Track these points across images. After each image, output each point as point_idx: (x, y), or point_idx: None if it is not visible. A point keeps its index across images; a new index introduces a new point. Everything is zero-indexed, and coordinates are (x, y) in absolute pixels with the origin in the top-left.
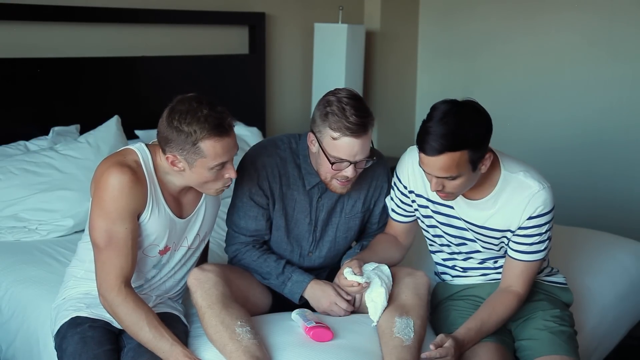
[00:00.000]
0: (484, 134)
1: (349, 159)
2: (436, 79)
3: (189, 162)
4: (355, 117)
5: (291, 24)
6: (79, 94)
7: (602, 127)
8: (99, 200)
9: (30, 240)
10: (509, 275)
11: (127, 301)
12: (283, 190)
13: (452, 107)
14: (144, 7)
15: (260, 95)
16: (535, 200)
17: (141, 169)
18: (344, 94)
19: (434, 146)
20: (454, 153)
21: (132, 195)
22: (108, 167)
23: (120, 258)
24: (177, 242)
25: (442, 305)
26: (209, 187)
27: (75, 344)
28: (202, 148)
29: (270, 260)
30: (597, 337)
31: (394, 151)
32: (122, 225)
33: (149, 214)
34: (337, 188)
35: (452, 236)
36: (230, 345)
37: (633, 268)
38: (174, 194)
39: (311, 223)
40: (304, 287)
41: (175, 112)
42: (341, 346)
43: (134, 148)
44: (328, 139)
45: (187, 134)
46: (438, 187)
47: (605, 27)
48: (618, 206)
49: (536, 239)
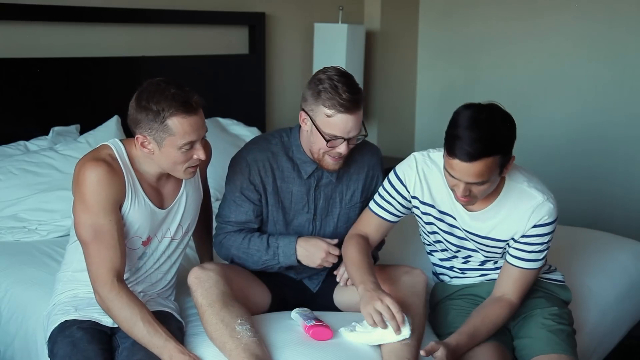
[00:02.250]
0: (514, 136)
1: (343, 135)
2: (436, 79)
3: (158, 141)
4: (348, 94)
5: (291, 24)
6: (79, 94)
7: (602, 127)
8: (79, 196)
9: (30, 240)
10: (504, 282)
11: (121, 296)
12: (277, 184)
13: (480, 112)
14: (144, 7)
15: (260, 95)
16: (540, 210)
17: (116, 161)
18: (333, 72)
19: (470, 152)
20: (488, 158)
21: (110, 186)
22: (83, 164)
23: (109, 251)
24: (159, 233)
25: (441, 304)
26: (179, 169)
27: (65, 347)
28: (170, 125)
29: (254, 239)
30: (597, 337)
31: (394, 151)
32: (106, 218)
33: (129, 204)
34: (329, 164)
35: (453, 244)
36: (230, 343)
37: (633, 268)
38: (152, 184)
39: (309, 212)
40: (294, 246)
41: (144, 93)
42: (341, 344)
43: (107, 143)
44: (322, 117)
45: (155, 113)
46: (465, 193)
47: (604, 27)
48: (618, 206)
49: (536, 247)
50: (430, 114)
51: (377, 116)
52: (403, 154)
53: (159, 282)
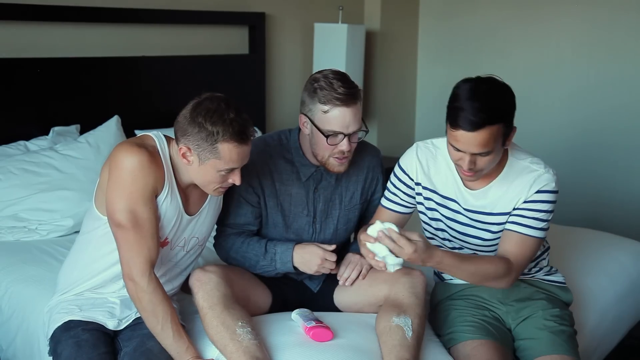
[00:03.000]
0: (514, 106)
1: (343, 130)
2: (436, 78)
3: (201, 158)
4: (343, 88)
5: (291, 24)
6: (79, 94)
7: (602, 127)
8: (118, 181)
9: (30, 240)
10: (503, 246)
11: (157, 292)
12: (276, 187)
13: (479, 83)
14: (144, 7)
15: (260, 95)
16: (542, 178)
17: (157, 154)
18: (328, 71)
19: (474, 120)
20: (492, 126)
21: (151, 174)
22: (125, 149)
23: (147, 239)
24: (177, 238)
25: (442, 304)
26: (210, 188)
27: (70, 348)
28: (219, 149)
29: (252, 242)
30: (597, 337)
31: (394, 151)
32: (145, 205)
33: (164, 195)
34: (335, 166)
35: (456, 231)
36: (231, 345)
37: (633, 268)
38: (182, 187)
39: (309, 215)
40: (290, 253)
41: (202, 108)
42: (341, 346)
43: (151, 134)
44: (320, 115)
45: (209, 132)
46: (471, 166)
47: (605, 27)
48: (618, 206)
49: (537, 214)
50: (430, 114)
51: (377, 116)
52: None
53: (165, 286)
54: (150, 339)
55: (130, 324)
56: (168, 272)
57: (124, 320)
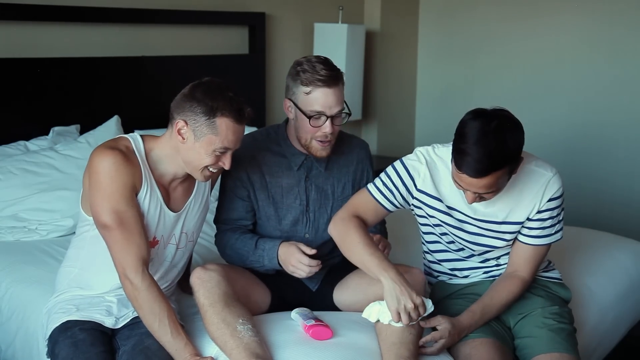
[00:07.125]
0: (522, 144)
1: (325, 110)
2: (436, 79)
3: (197, 135)
4: (325, 70)
5: (291, 24)
6: (79, 94)
7: (602, 127)
8: (97, 184)
9: (30, 240)
10: (516, 260)
11: (152, 288)
12: (266, 180)
13: (487, 124)
14: (144, 7)
15: (260, 95)
16: (553, 184)
17: (133, 153)
18: (311, 56)
19: (479, 168)
20: (497, 172)
21: (127, 172)
22: (99, 153)
23: (135, 237)
24: (166, 236)
25: (442, 304)
26: (199, 168)
27: (67, 348)
28: (217, 125)
29: (245, 239)
30: (597, 336)
31: (394, 151)
32: (127, 204)
33: (144, 192)
34: (317, 150)
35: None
36: (231, 342)
37: (633, 268)
38: (164, 185)
39: (302, 204)
40: (276, 249)
41: (202, 86)
42: (340, 344)
43: (126, 136)
44: (302, 96)
45: (208, 107)
46: (475, 199)
47: (604, 27)
48: (618, 206)
49: (551, 222)
50: (430, 114)
51: (377, 116)
52: (403, 154)
53: (159, 282)
54: (149, 337)
55: (128, 323)
56: (163, 270)
57: (122, 319)
